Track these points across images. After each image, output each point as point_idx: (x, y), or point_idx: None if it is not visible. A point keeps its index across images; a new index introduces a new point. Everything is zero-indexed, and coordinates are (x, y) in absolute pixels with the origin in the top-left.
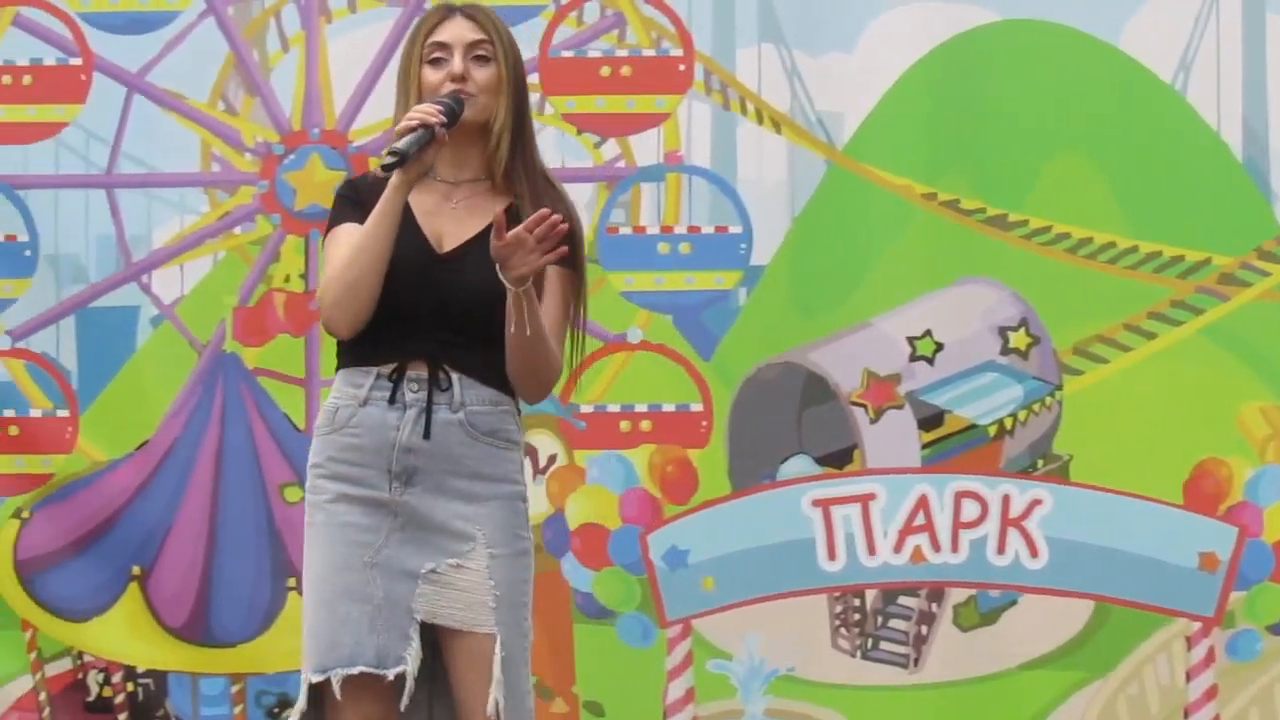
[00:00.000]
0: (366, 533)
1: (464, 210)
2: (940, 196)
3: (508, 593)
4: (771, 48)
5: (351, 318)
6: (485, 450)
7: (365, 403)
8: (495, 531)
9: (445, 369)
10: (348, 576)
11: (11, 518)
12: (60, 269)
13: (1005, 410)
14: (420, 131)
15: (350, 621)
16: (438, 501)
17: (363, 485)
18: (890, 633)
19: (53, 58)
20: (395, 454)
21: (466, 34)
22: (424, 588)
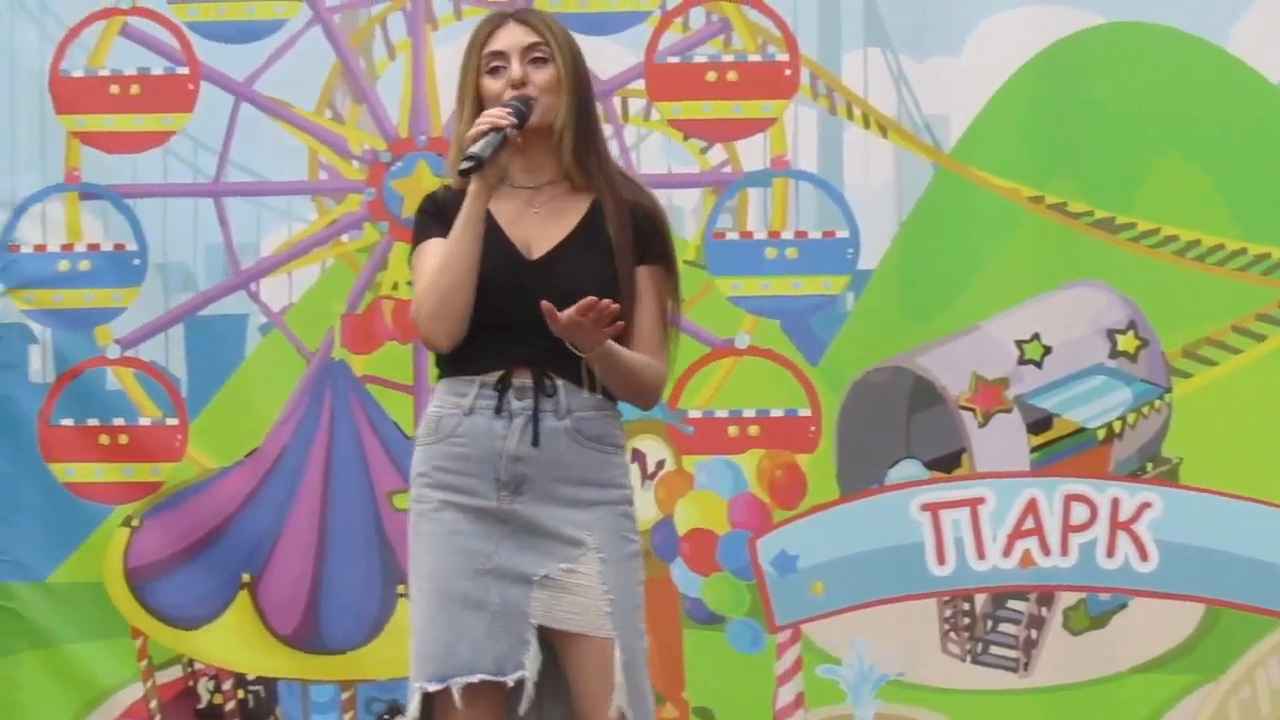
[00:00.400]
0: (476, 540)
1: (547, 214)
2: (1048, 199)
3: (621, 597)
4: (877, 51)
5: (449, 329)
6: (592, 456)
7: (470, 411)
8: (605, 536)
9: (550, 376)
10: (461, 584)
11: (121, 526)
12: (169, 277)
13: (1114, 413)
14: (492, 135)
15: (467, 629)
16: (546, 509)
17: (470, 494)
18: (1000, 636)
19: (160, 67)
20: (503, 463)
21: (521, 38)
22: (538, 593)
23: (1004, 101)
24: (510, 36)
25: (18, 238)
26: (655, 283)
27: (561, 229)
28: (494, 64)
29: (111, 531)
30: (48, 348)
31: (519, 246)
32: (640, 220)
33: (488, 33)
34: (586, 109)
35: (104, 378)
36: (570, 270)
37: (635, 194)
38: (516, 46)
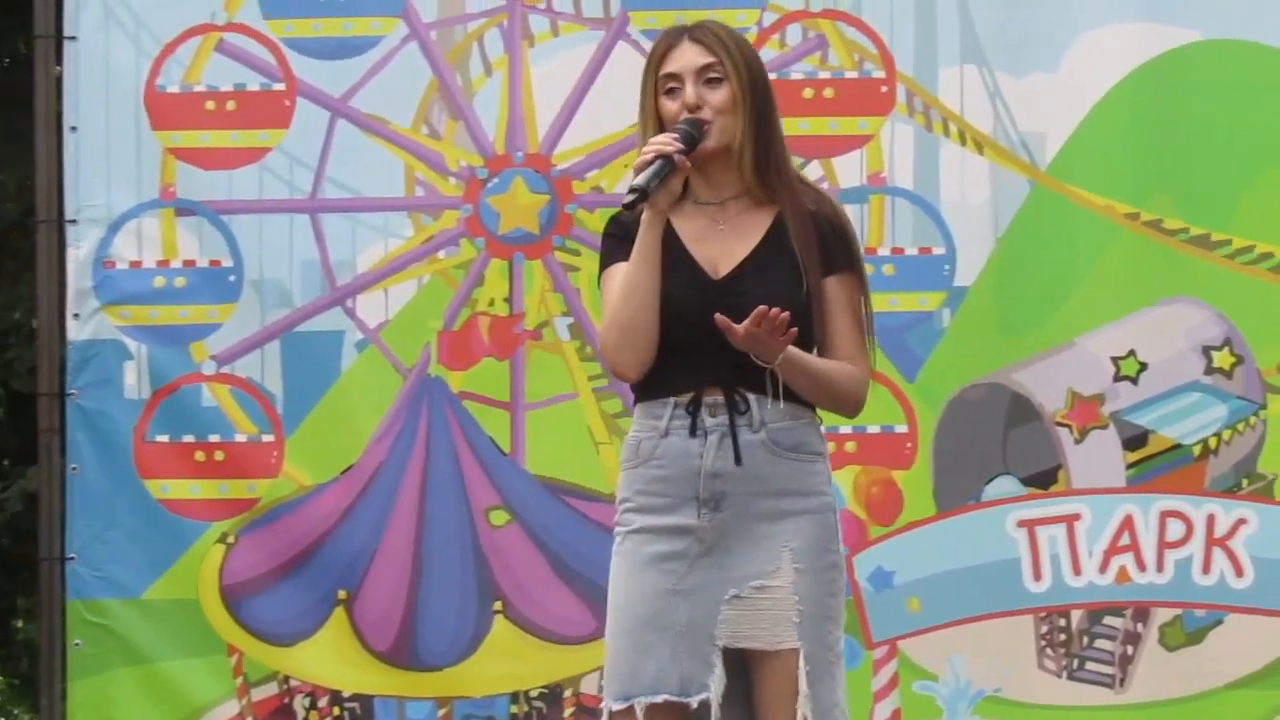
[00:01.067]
0: (671, 560)
1: (731, 231)
2: (1143, 216)
3: (812, 607)
4: (973, 68)
5: (634, 359)
6: (791, 465)
7: (667, 433)
8: (803, 546)
9: (741, 391)
10: (651, 604)
11: (217, 543)
12: (265, 294)
13: (1210, 430)
14: (658, 163)
15: (653, 649)
16: (747, 523)
17: (670, 514)
18: (1096, 653)
19: (256, 83)
20: (702, 481)
21: (695, 59)
22: (727, 613)
23: (1100, 118)
24: (684, 57)
25: (113, 254)
26: (847, 290)
27: (746, 245)
28: (670, 85)
29: (207, 548)
30: (143, 364)
31: (704, 265)
32: (825, 229)
33: (663, 52)
34: (766, 124)
35: (200, 394)
36: (755, 287)
37: (818, 202)
38: (690, 68)
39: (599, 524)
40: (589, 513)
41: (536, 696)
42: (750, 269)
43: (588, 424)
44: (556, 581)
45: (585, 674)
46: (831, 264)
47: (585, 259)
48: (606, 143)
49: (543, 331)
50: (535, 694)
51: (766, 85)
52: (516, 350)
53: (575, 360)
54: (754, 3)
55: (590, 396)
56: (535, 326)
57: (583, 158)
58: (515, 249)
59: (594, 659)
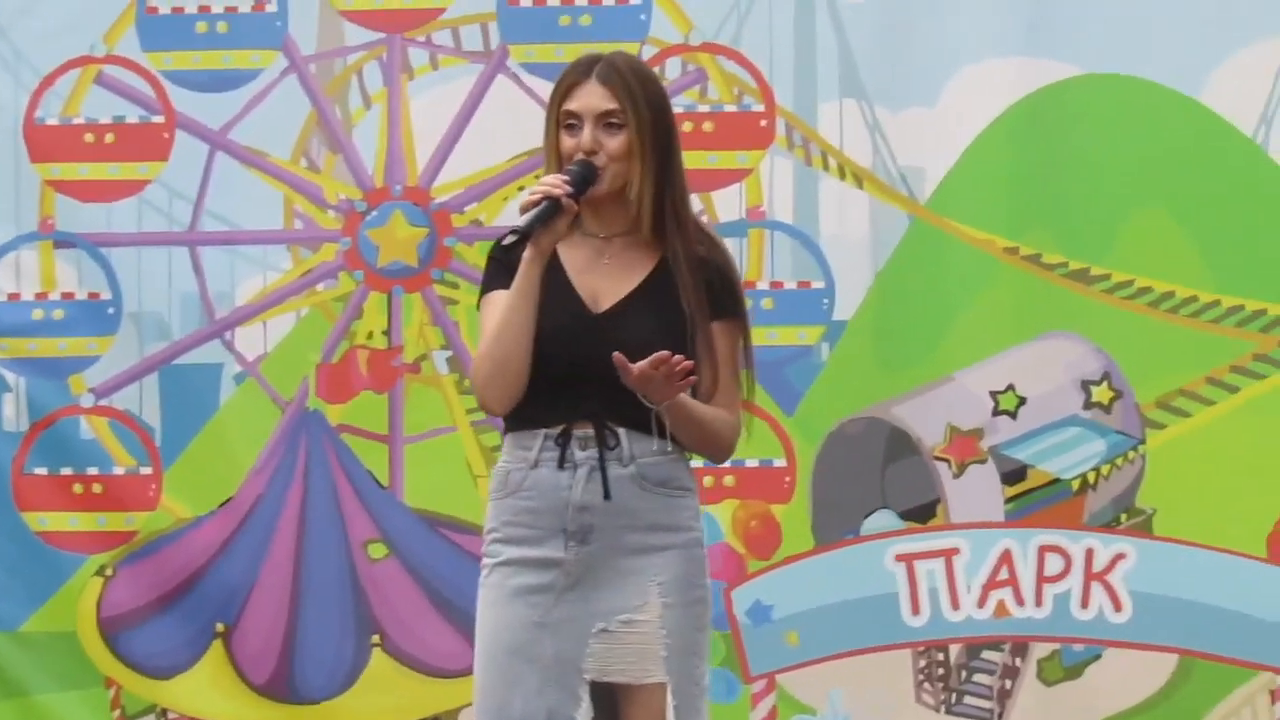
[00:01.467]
0: (538, 593)
1: (617, 266)
2: (1022, 251)
3: (679, 642)
4: (853, 102)
5: (503, 395)
6: (659, 500)
7: (536, 465)
8: (671, 581)
9: (611, 426)
10: (518, 636)
11: (95, 575)
12: (143, 326)
13: (1088, 464)
14: (545, 205)
15: (520, 683)
16: (614, 557)
17: (538, 546)
18: (974, 687)
19: (135, 115)
20: (570, 513)
21: (597, 103)
22: (595, 646)
23: (979, 153)
24: (587, 98)
25: None
26: (729, 337)
27: (629, 283)
28: (570, 121)
29: (85, 580)
30: (21, 396)
31: (585, 298)
32: (713, 276)
33: (568, 86)
34: (664, 172)
35: (78, 427)
36: (634, 325)
37: (710, 249)
38: (591, 111)
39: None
40: (467, 545)
41: None
42: (631, 307)
43: (466, 457)
44: (434, 614)
45: (463, 707)
46: (717, 310)
47: (464, 292)
48: (485, 176)
49: (421, 365)
50: None
51: (669, 130)
52: (395, 383)
53: (454, 393)
54: (634, 36)
55: (469, 430)
56: (414, 360)
57: (461, 191)
58: (394, 282)
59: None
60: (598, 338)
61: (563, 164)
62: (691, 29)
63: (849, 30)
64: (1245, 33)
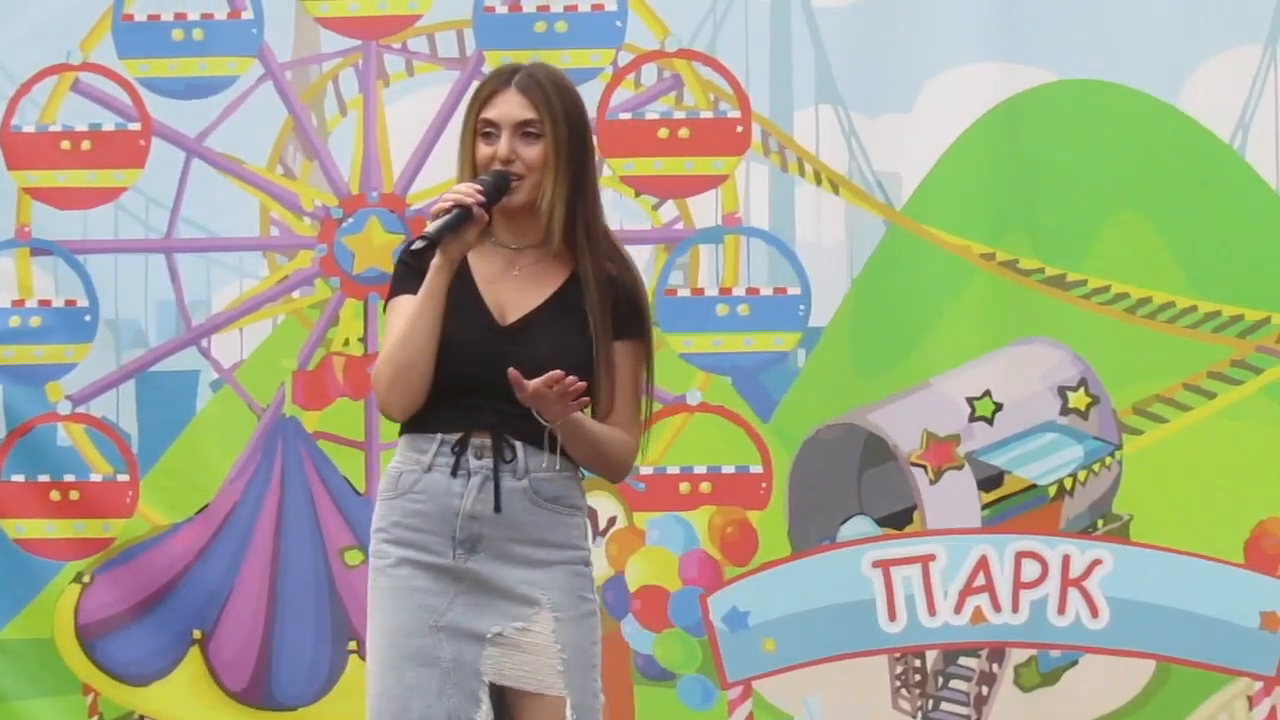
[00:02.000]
0: (432, 596)
1: (526, 279)
2: (999, 256)
3: (575, 655)
4: (829, 108)
5: (404, 402)
6: (549, 517)
7: (429, 469)
8: (560, 596)
9: (508, 438)
10: (414, 640)
11: (72, 582)
12: (120, 333)
13: (1065, 470)
14: (456, 212)
15: (419, 686)
16: (502, 568)
17: (426, 551)
18: (951, 693)
19: (112, 123)
20: (459, 521)
21: (515, 112)
22: (491, 650)
23: (955, 158)
24: (505, 107)
25: None
26: (631, 358)
27: (537, 296)
28: (487, 129)
29: (62, 588)
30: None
31: (493, 309)
32: (620, 295)
33: (487, 95)
34: (578, 184)
35: (55, 434)
36: (540, 339)
37: (620, 268)
38: (509, 120)
39: None
40: None
41: None
42: (538, 320)
43: None
44: None
45: None
46: (620, 330)
47: None
48: None
49: None
50: None
51: (585, 143)
52: (371, 390)
53: None
54: (609, 42)
55: None
56: None
57: (438, 197)
58: (370, 289)
59: None
60: (501, 350)
61: (477, 172)
62: (667, 35)
63: (825, 36)
64: (1221, 38)
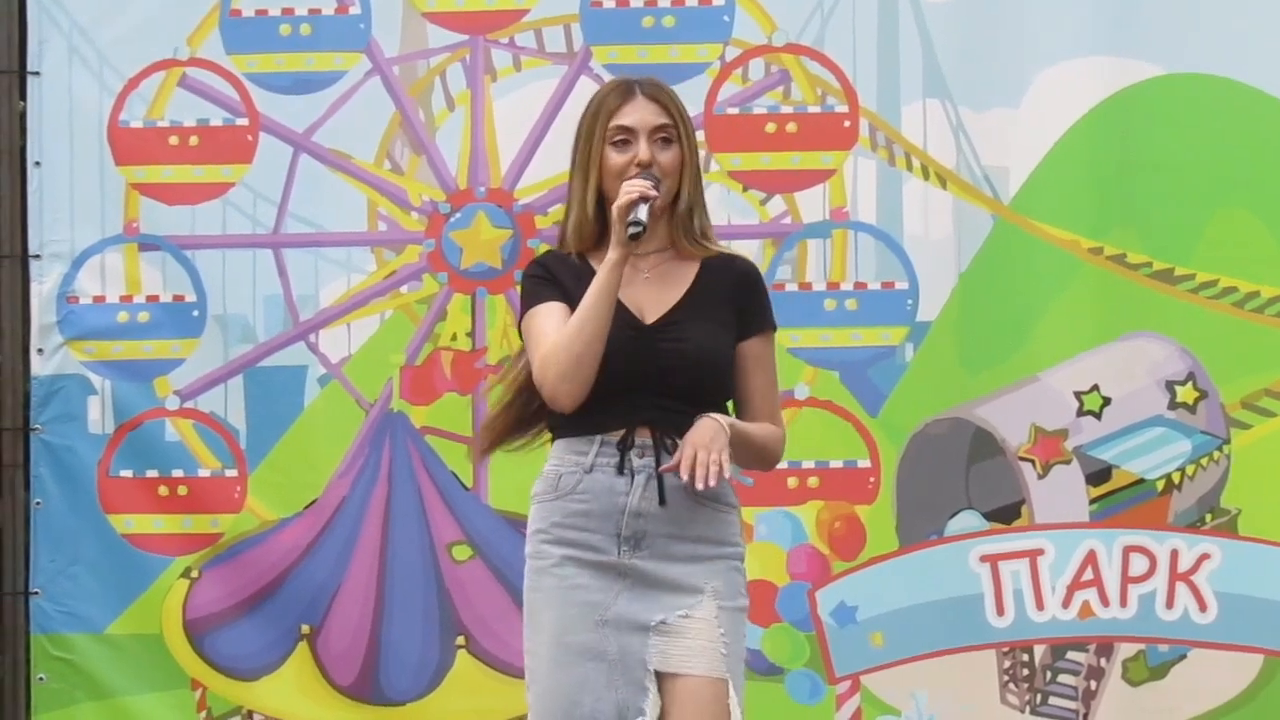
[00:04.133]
0: (596, 593)
1: (657, 280)
2: (1106, 251)
3: (733, 644)
4: (937, 103)
5: (576, 391)
6: (708, 514)
7: (591, 469)
8: (722, 587)
9: (670, 435)
10: (581, 636)
11: (180, 577)
12: (228, 329)
13: (1173, 465)
14: (645, 204)
15: (588, 681)
16: (664, 564)
17: (591, 549)
18: (1059, 688)
19: (219, 118)
20: (625, 518)
21: (651, 118)
22: (655, 639)
23: (1063, 153)
24: (640, 114)
25: (77, 289)
26: (768, 350)
27: (673, 295)
28: (621, 138)
29: (171, 583)
30: (107, 399)
31: (633, 310)
32: (745, 288)
33: (616, 104)
34: (700, 187)
35: (163, 429)
36: (685, 335)
37: (732, 261)
38: (646, 126)
39: None
40: None
41: None
42: (680, 316)
43: None
44: (519, 616)
45: None
46: (754, 324)
47: None
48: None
49: (505, 366)
50: None
51: (697, 147)
52: (478, 385)
53: None
54: (717, 37)
55: None
56: (497, 361)
57: (545, 192)
58: (478, 284)
59: None
60: (650, 348)
61: (606, 180)
62: (775, 30)
63: (933, 30)
64: None
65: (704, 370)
